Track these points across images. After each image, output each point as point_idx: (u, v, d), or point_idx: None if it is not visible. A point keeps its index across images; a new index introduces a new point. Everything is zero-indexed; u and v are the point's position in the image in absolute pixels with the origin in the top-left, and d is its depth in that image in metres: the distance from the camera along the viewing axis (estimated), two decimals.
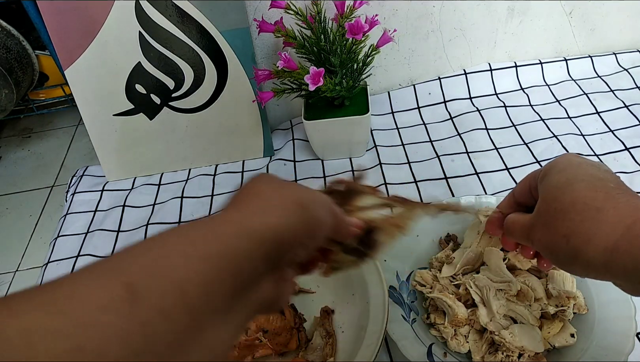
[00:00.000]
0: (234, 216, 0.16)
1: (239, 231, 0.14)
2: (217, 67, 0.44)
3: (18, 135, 0.64)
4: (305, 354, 0.29)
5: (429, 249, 0.34)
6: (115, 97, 0.45)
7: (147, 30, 0.42)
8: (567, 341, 0.27)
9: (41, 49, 0.59)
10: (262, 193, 0.17)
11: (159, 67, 0.44)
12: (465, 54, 0.51)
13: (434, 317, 0.29)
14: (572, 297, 0.27)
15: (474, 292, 0.29)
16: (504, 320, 0.28)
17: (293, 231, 0.16)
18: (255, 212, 0.16)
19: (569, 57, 0.52)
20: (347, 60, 0.40)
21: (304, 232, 0.16)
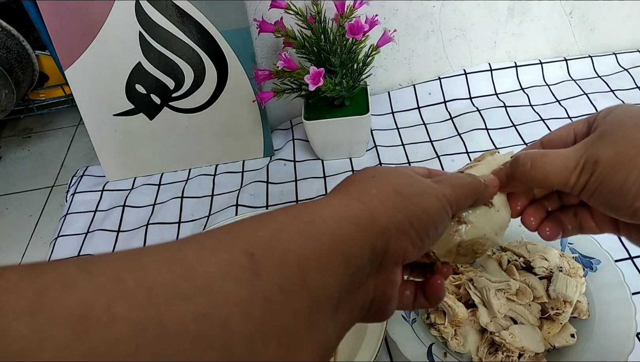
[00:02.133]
0: (334, 200, 0.14)
1: (344, 215, 0.13)
2: (217, 67, 0.44)
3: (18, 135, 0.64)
4: None
5: None
6: (116, 97, 0.45)
7: (147, 30, 0.42)
8: (567, 341, 0.27)
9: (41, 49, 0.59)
10: (357, 181, 0.16)
11: (159, 67, 0.44)
12: (465, 54, 0.51)
13: (434, 317, 0.29)
14: (569, 302, 0.27)
15: (474, 294, 0.29)
16: (504, 320, 0.28)
17: (394, 221, 0.14)
18: (352, 199, 0.14)
19: (569, 57, 0.52)
20: (347, 60, 0.40)
21: (408, 222, 0.14)
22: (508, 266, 0.30)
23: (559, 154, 0.17)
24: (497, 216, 0.19)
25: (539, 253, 0.30)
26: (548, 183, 0.17)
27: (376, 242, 0.14)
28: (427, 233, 0.15)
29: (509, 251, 0.31)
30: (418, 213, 0.15)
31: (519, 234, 0.33)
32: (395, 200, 0.15)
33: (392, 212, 0.14)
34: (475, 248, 0.19)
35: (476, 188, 0.18)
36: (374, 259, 0.14)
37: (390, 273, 0.15)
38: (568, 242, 0.32)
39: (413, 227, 0.15)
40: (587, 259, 0.31)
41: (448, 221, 0.17)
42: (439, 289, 0.18)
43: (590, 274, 0.30)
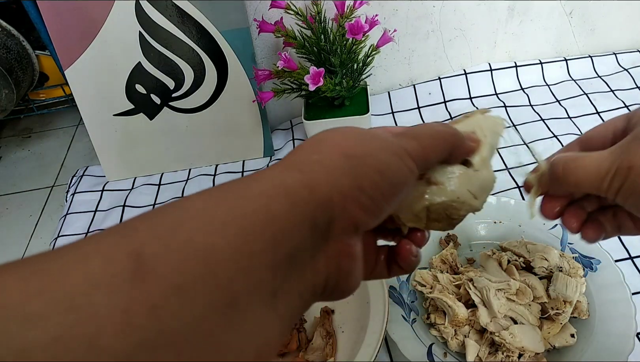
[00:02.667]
0: (267, 173, 0.12)
1: (273, 190, 0.11)
2: (217, 67, 0.44)
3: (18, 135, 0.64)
4: (306, 355, 0.29)
5: (429, 249, 0.34)
6: (116, 97, 0.45)
7: (147, 30, 0.42)
8: (567, 341, 0.27)
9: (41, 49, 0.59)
10: (301, 148, 0.14)
11: (159, 67, 0.44)
12: (465, 54, 0.51)
13: (434, 317, 0.29)
14: (569, 302, 0.27)
15: (474, 294, 0.29)
16: (504, 320, 0.28)
17: (339, 187, 0.12)
18: (291, 168, 0.13)
19: (569, 57, 0.52)
20: (347, 60, 0.40)
21: (357, 187, 0.13)
22: (508, 266, 0.30)
23: (592, 159, 0.16)
24: (475, 176, 0.16)
25: (539, 253, 0.30)
26: (581, 188, 0.17)
27: (316, 215, 0.12)
28: (385, 197, 0.13)
29: (509, 251, 0.31)
30: (370, 175, 0.13)
31: (519, 234, 0.33)
32: (341, 163, 0.13)
33: (336, 178, 0.12)
34: (449, 213, 0.16)
35: (448, 139, 0.16)
36: (316, 235, 0.12)
37: (343, 245, 0.13)
38: (568, 242, 0.32)
39: (364, 191, 0.13)
40: (587, 259, 0.31)
41: (413, 179, 0.14)
42: (408, 254, 0.16)
43: (590, 274, 0.30)
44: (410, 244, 0.16)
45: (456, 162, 0.17)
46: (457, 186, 0.16)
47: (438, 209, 0.16)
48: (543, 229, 0.33)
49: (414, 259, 0.16)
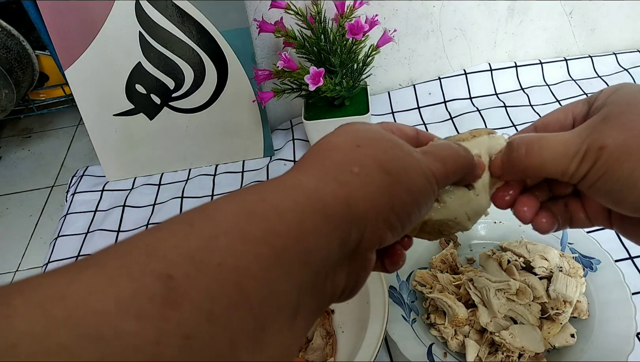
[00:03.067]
0: (301, 181, 0.11)
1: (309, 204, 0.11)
2: (217, 67, 0.44)
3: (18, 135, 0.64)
4: (306, 355, 0.29)
5: (429, 249, 0.34)
6: (116, 97, 0.45)
7: (147, 30, 0.42)
8: (568, 341, 0.27)
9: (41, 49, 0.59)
10: (336, 150, 0.13)
11: (159, 67, 0.44)
12: (465, 54, 0.51)
13: (434, 317, 0.29)
14: (569, 302, 0.27)
15: (474, 294, 0.28)
16: (504, 320, 0.28)
17: (375, 206, 0.12)
18: (327, 179, 0.12)
19: (569, 57, 0.52)
20: (347, 61, 0.40)
21: (389, 207, 0.12)
22: (508, 266, 0.30)
23: (557, 139, 0.15)
24: (475, 200, 0.17)
25: (539, 253, 0.30)
26: (544, 171, 0.15)
27: (350, 232, 0.11)
28: (409, 217, 0.13)
29: (509, 251, 0.31)
30: (402, 195, 0.13)
31: (519, 234, 0.33)
32: (379, 180, 0.12)
33: (374, 196, 0.12)
34: (442, 229, 0.17)
35: (466, 165, 0.16)
36: (345, 250, 0.12)
37: (365, 261, 0.13)
38: (568, 242, 0.32)
39: (394, 211, 0.12)
40: (587, 259, 0.31)
41: (433, 199, 0.14)
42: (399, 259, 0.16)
43: (590, 274, 0.30)
44: (402, 249, 0.16)
45: (461, 184, 0.17)
46: (457, 207, 0.17)
47: (434, 225, 0.17)
48: None
49: (402, 263, 0.17)
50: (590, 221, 0.17)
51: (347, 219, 0.11)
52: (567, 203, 0.18)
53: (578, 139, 0.15)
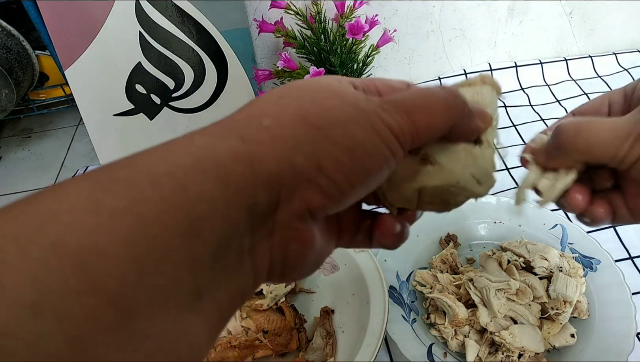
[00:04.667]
0: (191, 141, 0.10)
1: (196, 163, 0.09)
2: (217, 67, 0.44)
3: (18, 135, 0.64)
4: (306, 355, 0.29)
5: (429, 249, 0.34)
6: (116, 97, 0.45)
7: (147, 30, 0.42)
8: (568, 341, 0.27)
9: (41, 49, 0.59)
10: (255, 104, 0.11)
11: (159, 67, 0.44)
12: (465, 54, 0.51)
13: (434, 317, 0.29)
14: (569, 302, 0.27)
15: (474, 294, 0.28)
16: (504, 320, 0.28)
17: (292, 165, 0.10)
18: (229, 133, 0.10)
19: (569, 57, 0.52)
20: (347, 60, 0.40)
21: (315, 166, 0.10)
22: (508, 266, 0.30)
23: (607, 121, 0.14)
24: (481, 157, 0.13)
25: (539, 253, 0.30)
26: (594, 154, 0.14)
27: (256, 197, 0.09)
28: (351, 181, 0.11)
29: (509, 250, 0.31)
30: (335, 153, 0.10)
31: (519, 234, 0.33)
32: (298, 133, 0.10)
33: (288, 151, 0.10)
34: (446, 197, 0.13)
35: (452, 113, 0.12)
36: (255, 219, 0.10)
37: (292, 230, 0.10)
38: (568, 242, 0.32)
39: (323, 172, 0.10)
40: (587, 259, 0.31)
41: (393, 162, 0.11)
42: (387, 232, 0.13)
43: (590, 274, 0.30)
44: (391, 219, 0.13)
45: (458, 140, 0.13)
46: (458, 169, 0.13)
47: (432, 193, 0.13)
48: (543, 229, 0.33)
49: (394, 238, 0.13)
50: (633, 216, 0.16)
51: (250, 181, 0.09)
52: (608, 197, 0.16)
53: (629, 123, 0.14)
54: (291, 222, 0.10)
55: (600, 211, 0.16)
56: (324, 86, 0.11)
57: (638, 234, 0.34)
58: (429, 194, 0.13)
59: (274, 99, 0.11)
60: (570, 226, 0.33)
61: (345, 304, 0.31)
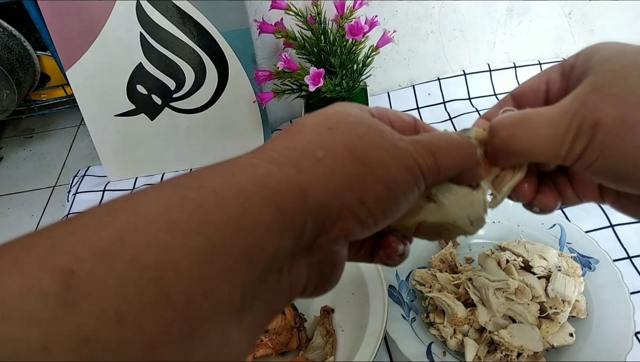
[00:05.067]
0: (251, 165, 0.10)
1: (256, 192, 0.09)
2: (217, 68, 0.44)
3: (20, 135, 0.64)
4: (306, 354, 0.29)
5: (428, 249, 0.34)
6: (117, 98, 0.45)
7: (148, 31, 0.42)
8: (566, 341, 0.27)
9: (42, 50, 0.60)
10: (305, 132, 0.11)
11: (160, 68, 0.44)
12: (464, 55, 0.51)
13: (433, 316, 0.29)
14: (568, 301, 0.27)
15: (473, 293, 0.29)
16: (503, 319, 0.28)
17: (339, 198, 0.10)
18: (284, 163, 0.10)
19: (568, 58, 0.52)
20: (347, 61, 0.40)
21: (359, 201, 0.11)
22: (507, 266, 0.30)
23: (542, 119, 0.13)
24: (479, 203, 0.15)
25: (538, 253, 0.30)
26: (533, 157, 0.14)
27: (305, 224, 0.10)
28: (384, 213, 0.12)
29: (508, 250, 0.32)
30: (377, 189, 0.11)
31: (517, 234, 0.33)
32: (348, 169, 0.11)
33: (339, 187, 0.11)
34: (440, 232, 0.15)
35: (466, 160, 0.14)
36: (299, 243, 0.10)
37: (329, 253, 0.11)
38: (567, 242, 0.32)
39: (365, 206, 0.11)
40: (586, 259, 0.31)
41: (418, 197, 0.13)
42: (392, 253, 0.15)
43: (588, 273, 0.30)
44: (396, 240, 0.15)
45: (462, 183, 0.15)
46: (457, 210, 0.14)
47: (430, 227, 0.15)
48: (541, 228, 0.33)
49: (398, 258, 0.15)
50: (579, 197, 0.16)
51: (302, 210, 0.10)
52: (554, 180, 0.16)
53: (566, 116, 0.13)
54: (328, 246, 0.11)
55: (548, 200, 0.16)
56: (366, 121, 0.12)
57: (636, 233, 0.34)
58: (427, 227, 0.15)
59: (322, 130, 0.12)
60: (568, 225, 0.33)
61: (345, 303, 0.31)
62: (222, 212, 0.09)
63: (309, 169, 0.11)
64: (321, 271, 0.12)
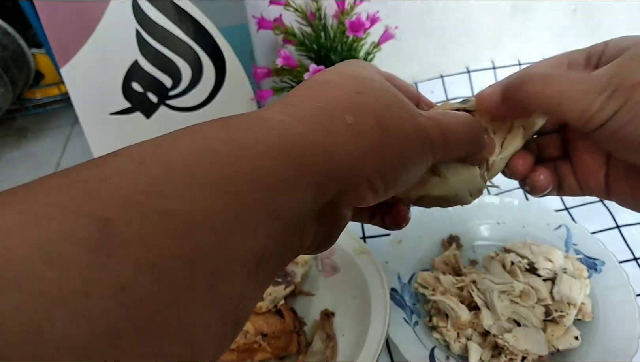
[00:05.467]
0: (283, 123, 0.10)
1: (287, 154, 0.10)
2: (215, 65, 0.44)
3: (14, 134, 0.63)
4: (305, 358, 0.29)
5: (432, 251, 0.33)
6: (112, 96, 0.44)
7: (144, 27, 0.41)
8: (571, 344, 0.27)
9: (37, 47, 0.59)
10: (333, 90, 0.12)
11: (156, 65, 0.43)
12: (468, 52, 0.50)
13: (436, 320, 0.29)
14: (573, 304, 0.27)
15: (477, 296, 0.28)
16: (507, 323, 0.27)
17: (360, 167, 0.11)
18: (315, 125, 0.10)
19: None
20: (347, 58, 0.39)
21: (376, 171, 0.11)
22: (511, 268, 0.30)
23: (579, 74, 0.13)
24: (479, 176, 0.16)
25: (543, 254, 0.30)
26: (561, 109, 0.13)
27: (326, 187, 0.10)
28: (396, 184, 0.12)
29: (513, 252, 0.31)
30: (394, 159, 0.11)
31: (522, 236, 0.33)
32: (374, 137, 0.11)
33: (363, 154, 0.11)
34: (439, 203, 0.16)
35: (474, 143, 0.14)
36: (316, 204, 0.10)
37: (338, 215, 0.12)
38: (572, 243, 0.32)
39: (380, 175, 0.11)
40: (592, 261, 0.30)
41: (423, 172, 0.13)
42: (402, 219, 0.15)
43: (594, 275, 0.29)
44: (405, 211, 0.15)
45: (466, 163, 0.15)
46: (459, 184, 0.15)
47: (432, 198, 0.15)
48: (547, 229, 0.33)
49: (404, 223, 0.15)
50: (581, 188, 0.16)
51: (326, 174, 0.10)
52: (556, 167, 0.16)
53: (604, 77, 0.12)
54: (339, 210, 0.12)
55: (540, 177, 0.15)
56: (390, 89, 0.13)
57: None
58: (429, 199, 0.16)
59: (350, 93, 0.12)
60: (574, 226, 0.32)
61: (345, 307, 0.31)
62: (252, 169, 0.09)
63: (338, 133, 0.11)
64: (327, 232, 0.12)
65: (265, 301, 0.29)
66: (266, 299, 0.30)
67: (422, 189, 0.15)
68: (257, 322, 0.29)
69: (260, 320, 0.29)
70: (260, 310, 0.29)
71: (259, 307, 0.29)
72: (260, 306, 0.29)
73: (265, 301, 0.29)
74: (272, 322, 0.29)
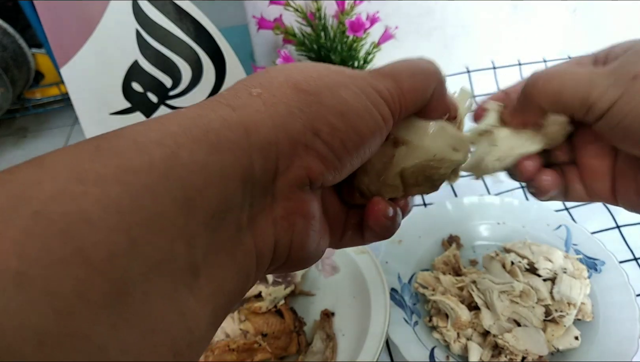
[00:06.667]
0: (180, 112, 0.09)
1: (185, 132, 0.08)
2: (215, 65, 0.44)
3: (14, 134, 0.63)
4: (305, 358, 0.29)
5: (431, 251, 0.33)
6: (112, 96, 0.44)
7: (144, 27, 0.41)
8: (571, 344, 0.27)
9: (37, 47, 0.59)
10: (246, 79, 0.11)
11: (156, 65, 0.43)
12: (468, 52, 0.50)
13: (436, 320, 0.29)
14: (573, 304, 0.27)
15: (477, 296, 0.28)
16: (507, 323, 0.27)
17: (287, 129, 0.10)
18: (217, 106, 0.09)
19: (573, 56, 0.51)
20: (347, 58, 0.39)
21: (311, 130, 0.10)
22: (511, 268, 0.29)
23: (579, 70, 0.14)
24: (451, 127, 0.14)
25: (543, 254, 0.30)
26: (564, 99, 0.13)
27: (251, 164, 0.09)
28: (346, 146, 0.10)
29: (513, 252, 0.31)
30: (329, 118, 0.10)
31: (522, 235, 0.33)
32: (292, 100, 0.10)
33: (283, 117, 0.10)
34: (429, 174, 0.13)
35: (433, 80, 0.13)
36: (253, 189, 0.09)
37: (295, 202, 0.10)
38: (572, 243, 0.32)
39: (319, 137, 0.10)
40: (592, 261, 0.30)
41: (385, 129, 0.11)
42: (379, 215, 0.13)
43: (594, 275, 0.29)
44: (382, 202, 0.13)
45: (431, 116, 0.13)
46: (430, 142, 0.13)
47: (414, 172, 0.13)
48: (547, 229, 0.33)
49: (387, 221, 0.13)
50: (588, 194, 0.15)
51: (244, 149, 0.09)
52: (563, 171, 0.16)
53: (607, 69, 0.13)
54: (291, 192, 0.10)
55: (546, 179, 0.15)
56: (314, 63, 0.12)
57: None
58: (411, 175, 0.13)
59: (259, 73, 0.11)
60: (574, 226, 0.32)
61: (345, 307, 0.31)
62: (143, 157, 0.08)
63: (244, 105, 0.10)
64: (292, 226, 0.10)
65: (265, 301, 0.29)
66: (266, 299, 0.30)
67: (394, 166, 0.13)
68: (257, 322, 0.29)
69: (260, 320, 0.29)
70: (260, 310, 0.29)
71: (259, 307, 0.29)
72: (260, 306, 0.29)
73: (265, 301, 0.29)
74: (272, 322, 0.29)
